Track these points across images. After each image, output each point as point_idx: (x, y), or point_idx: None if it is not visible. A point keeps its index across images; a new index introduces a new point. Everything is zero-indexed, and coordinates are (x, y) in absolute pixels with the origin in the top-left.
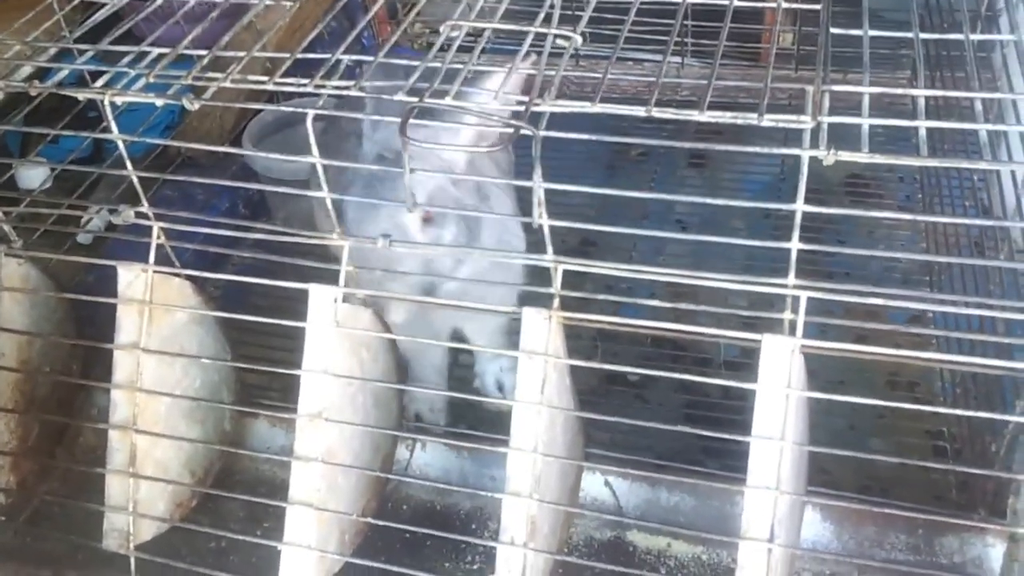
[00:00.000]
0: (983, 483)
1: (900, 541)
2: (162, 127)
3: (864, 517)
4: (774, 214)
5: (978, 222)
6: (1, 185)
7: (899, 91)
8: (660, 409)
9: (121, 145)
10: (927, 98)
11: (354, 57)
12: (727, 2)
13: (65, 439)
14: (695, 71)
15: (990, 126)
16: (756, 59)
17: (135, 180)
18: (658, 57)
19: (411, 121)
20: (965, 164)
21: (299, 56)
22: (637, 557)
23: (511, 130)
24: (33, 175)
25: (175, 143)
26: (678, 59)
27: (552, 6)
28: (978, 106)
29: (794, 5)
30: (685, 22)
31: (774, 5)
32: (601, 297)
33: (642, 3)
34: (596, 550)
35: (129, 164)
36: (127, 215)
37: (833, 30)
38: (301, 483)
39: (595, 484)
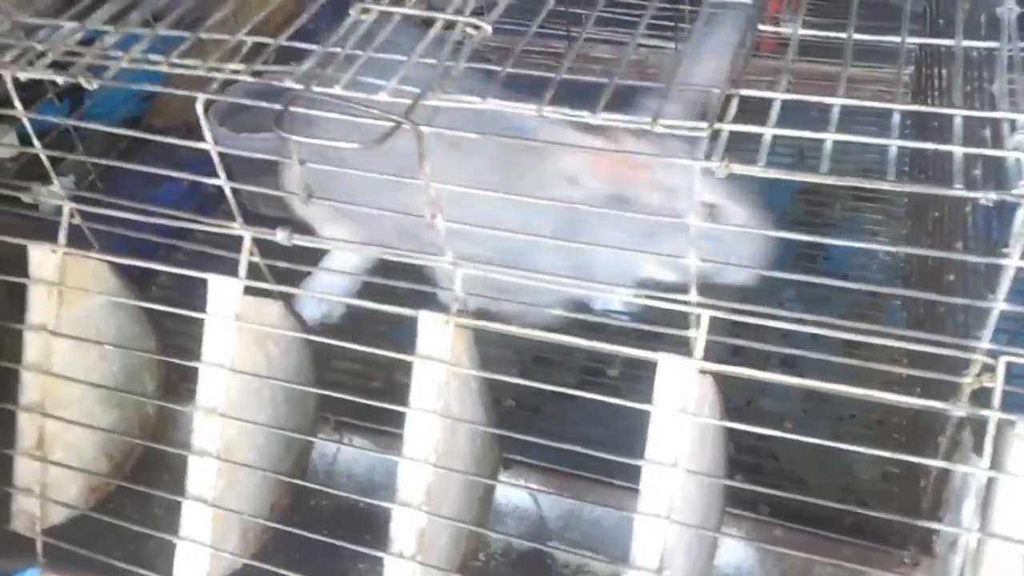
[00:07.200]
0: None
1: (827, 572)
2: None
3: (790, 545)
4: None
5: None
6: None
7: (813, 99)
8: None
9: (26, 121)
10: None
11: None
12: None
13: None
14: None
15: (927, 144)
16: None
17: (43, 157)
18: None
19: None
20: (864, 183)
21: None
22: (555, 571)
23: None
24: None
25: (87, 126)
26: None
27: None
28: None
29: None
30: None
31: None
32: (503, 299)
33: None
34: (515, 560)
35: (36, 141)
36: (37, 193)
37: (803, 31)
38: (197, 479)
39: (517, 492)
